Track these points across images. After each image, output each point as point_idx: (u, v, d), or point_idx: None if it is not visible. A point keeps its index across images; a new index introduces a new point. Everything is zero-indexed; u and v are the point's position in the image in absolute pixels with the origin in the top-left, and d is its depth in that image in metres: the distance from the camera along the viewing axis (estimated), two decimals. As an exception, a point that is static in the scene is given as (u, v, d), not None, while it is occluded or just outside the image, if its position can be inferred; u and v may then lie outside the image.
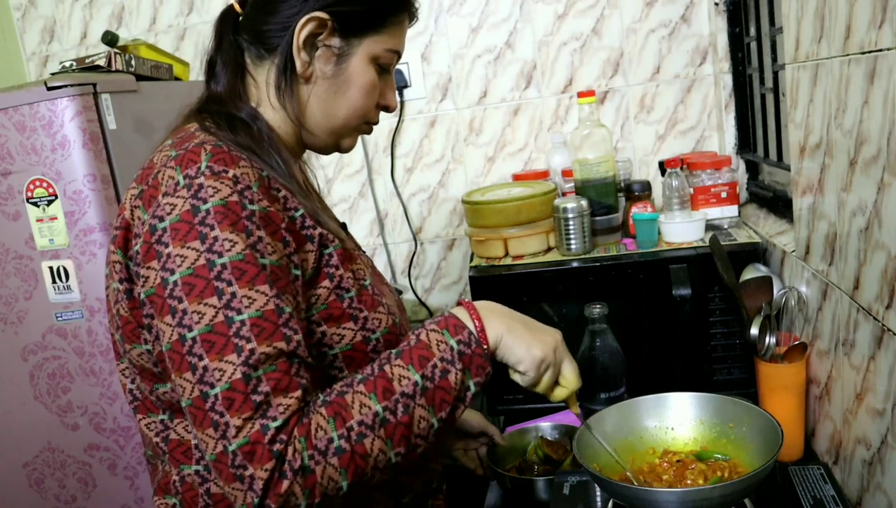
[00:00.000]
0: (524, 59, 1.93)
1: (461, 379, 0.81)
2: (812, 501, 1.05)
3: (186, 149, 0.80)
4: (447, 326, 0.83)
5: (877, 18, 0.82)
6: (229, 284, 0.73)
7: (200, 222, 0.75)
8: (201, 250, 0.74)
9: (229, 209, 0.76)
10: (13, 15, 2.14)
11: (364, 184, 2.05)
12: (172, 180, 0.78)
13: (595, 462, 0.98)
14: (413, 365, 0.80)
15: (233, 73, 0.91)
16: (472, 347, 0.82)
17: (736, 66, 1.77)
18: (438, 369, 0.80)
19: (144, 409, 0.90)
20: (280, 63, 0.88)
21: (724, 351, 1.43)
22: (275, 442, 0.71)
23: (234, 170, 0.78)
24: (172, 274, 0.75)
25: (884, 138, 0.84)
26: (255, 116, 0.89)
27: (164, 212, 0.77)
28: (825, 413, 1.16)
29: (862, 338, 0.97)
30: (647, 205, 1.60)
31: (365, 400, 0.76)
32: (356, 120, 0.94)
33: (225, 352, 0.72)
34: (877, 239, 0.89)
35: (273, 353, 0.73)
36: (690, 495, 0.89)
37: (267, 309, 0.74)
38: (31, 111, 1.40)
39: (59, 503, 1.58)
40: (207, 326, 0.73)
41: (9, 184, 1.44)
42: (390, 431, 0.76)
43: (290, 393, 0.73)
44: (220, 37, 0.93)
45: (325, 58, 0.89)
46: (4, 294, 1.51)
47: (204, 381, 0.72)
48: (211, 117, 0.88)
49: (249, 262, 0.75)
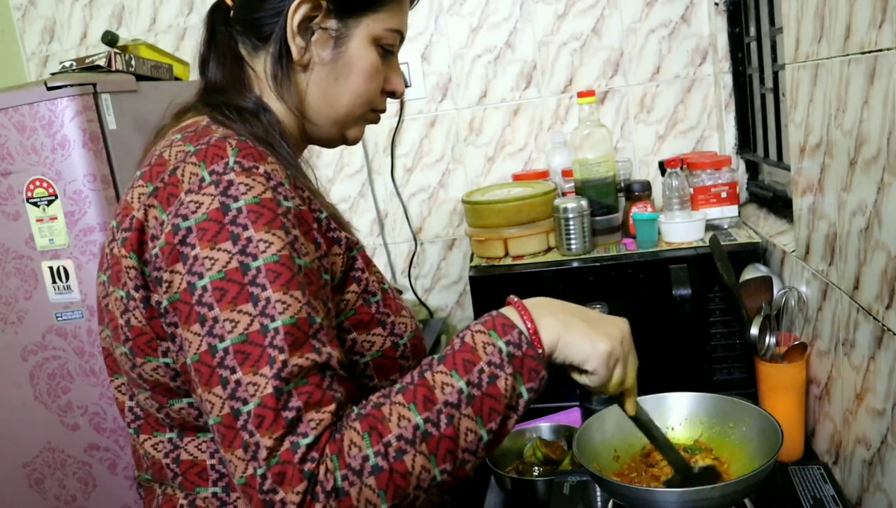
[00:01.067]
0: (524, 59, 1.93)
1: (512, 384, 0.72)
2: (812, 501, 1.05)
3: (208, 144, 0.74)
4: (494, 326, 0.74)
5: (877, 18, 0.82)
6: (264, 289, 0.67)
7: (232, 221, 0.68)
8: (233, 252, 0.68)
9: (264, 207, 0.70)
10: (13, 15, 2.14)
11: (364, 184, 2.05)
12: (196, 176, 0.71)
13: (595, 462, 0.99)
14: (457, 370, 0.71)
15: (232, 61, 0.85)
16: (524, 349, 0.73)
17: (736, 66, 1.77)
18: (486, 374, 0.71)
19: (149, 428, 0.83)
20: (275, 51, 0.83)
21: (724, 351, 1.43)
22: (306, 461, 0.64)
23: (264, 166, 0.72)
24: (201, 279, 0.68)
25: (884, 138, 0.84)
26: (263, 107, 0.84)
27: (188, 210, 0.70)
28: (825, 413, 1.16)
29: (862, 338, 0.97)
30: (647, 205, 1.60)
31: (404, 411, 0.68)
32: (360, 107, 0.88)
33: (259, 365, 0.65)
34: (877, 239, 0.89)
35: (306, 366, 0.67)
36: (690, 495, 0.89)
37: (300, 316, 0.68)
38: (31, 111, 1.40)
39: (59, 503, 1.58)
40: (241, 336, 0.66)
41: (9, 184, 1.44)
42: (433, 446, 0.68)
43: (322, 408, 0.66)
44: (213, 29, 0.87)
45: (321, 42, 0.83)
46: (4, 294, 1.51)
47: (236, 397, 0.65)
48: (218, 109, 0.81)
49: (284, 264, 0.68)
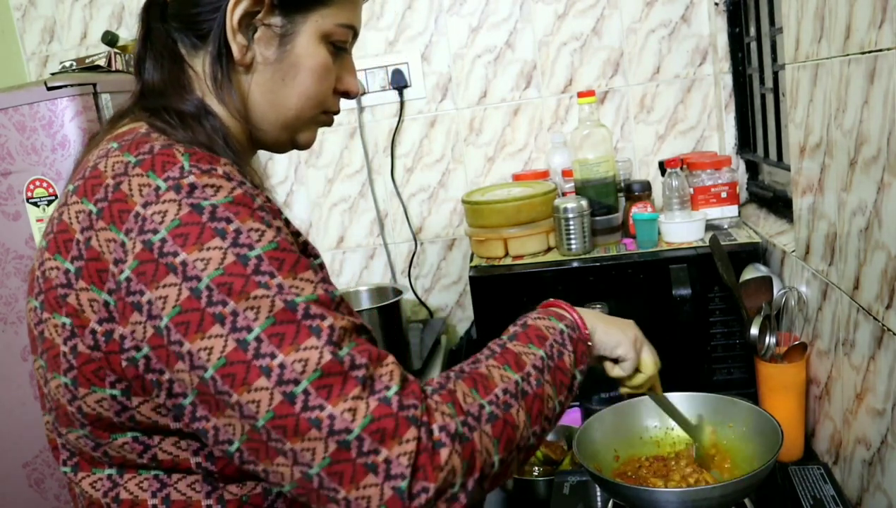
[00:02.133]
0: (524, 59, 1.93)
1: (572, 362, 0.78)
2: (812, 501, 1.05)
3: (152, 152, 0.67)
4: (550, 314, 0.82)
5: (877, 18, 0.82)
6: (272, 276, 0.62)
7: (210, 218, 0.63)
8: (225, 247, 0.62)
9: (239, 204, 0.64)
10: (13, 15, 2.14)
11: (364, 184, 2.05)
12: (149, 187, 0.65)
13: (595, 463, 0.99)
14: (533, 343, 0.76)
15: (170, 62, 0.78)
16: (578, 332, 0.81)
17: (736, 66, 1.77)
18: (556, 349, 0.77)
19: (87, 465, 0.74)
20: (214, 50, 0.76)
21: (724, 351, 1.43)
22: (404, 408, 0.60)
23: (221, 168, 0.67)
24: (200, 282, 0.61)
25: (884, 138, 0.84)
26: (204, 109, 0.76)
27: (153, 223, 0.63)
28: (825, 413, 1.16)
29: (862, 338, 0.98)
30: (647, 205, 1.60)
31: (502, 371, 0.71)
32: (310, 109, 0.82)
33: (299, 339, 0.60)
34: (877, 239, 0.89)
35: (350, 327, 0.64)
36: (690, 495, 0.89)
37: (319, 292, 0.64)
38: (31, 111, 1.40)
39: (59, 503, 1.58)
40: (269, 318, 0.60)
41: (9, 184, 1.44)
42: (529, 403, 0.70)
43: (384, 360, 0.63)
44: (148, 26, 0.80)
45: (265, 40, 0.77)
46: (4, 294, 1.51)
47: (284, 381, 0.59)
48: (157, 115, 0.74)
49: (285, 250, 0.64)
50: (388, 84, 1.95)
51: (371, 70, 1.94)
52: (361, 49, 1.93)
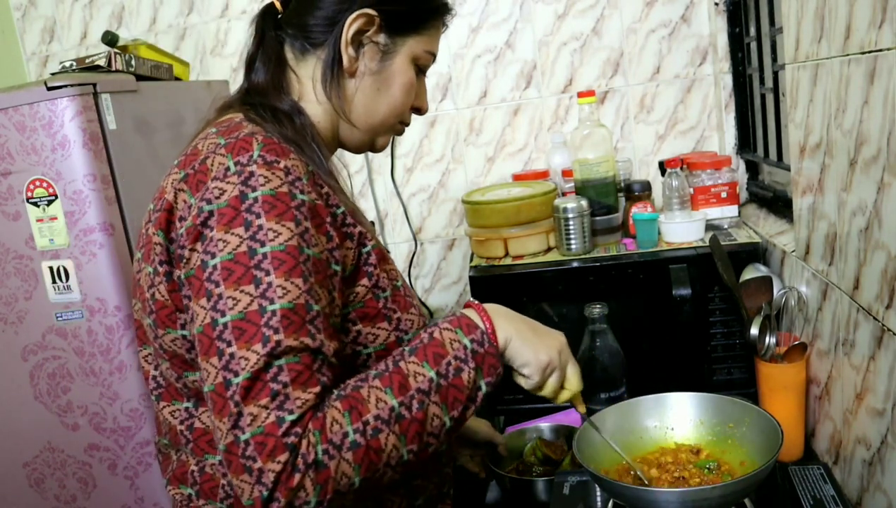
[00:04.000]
0: (524, 59, 1.93)
1: (473, 378, 0.81)
2: (812, 501, 1.05)
3: (237, 138, 0.80)
4: (460, 325, 0.83)
5: (877, 18, 0.82)
6: (267, 274, 0.73)
7: (247, 209, 0.75)
8: (244, 237, 0.74)
9: (278, 199, 0.76)
10: (13, 15, 2.14)
11: (364, 184, 2.05)
12: (223, 166, 0.78)
13: (595, 462, 0.99)
14: (428, 361, 0.79)
15: (275, 65, 0.92)
16: (485, 346, 0.82)
17: (736, 66, 1.77)
18: (452, 367, 0.80)
19: (169, 396, 0.90)
20: (328, 57, 0.90)
21: (724, 351, 1.43)
22: (289, 435, 0.70)
23: (285, 161, 0.79)
24: (213, 258, 0.75)
25: (884, 138, 0.84)
26: (298, 110, 0.90)
27: (212, 195, 0.77)
28: (825, 413, 1.16)
29: (862, 338, 0.98)
30: (647, 205, 1.60)
31: (381, 394, 0.76)
32: (394, 118, 0.96)
33: (253, 341, 0.71)
34: (877, 239, 0.89)
35: (298, 347, 0.73)
36: (690, 495, 0.89)
37: (298, 302, 0.74)
38: (31, 111, 1.40)
39: (59, 503, 1.58)
40: (240, 313, 0.72)
41: (9, 184, 1.44)
42: (405, 427, 0.76)
43: (309, 388, 0.72)
44: (262, 32, 0.94)
45: (370, 54, 0.91)
46: (4, 294, 1.51)
47: (229, 368, 0.71)
48: (254, 109, 0.88)
49: (290, 254, 0.75)
50: (388, 84, 1.94)
51: (371, 70, 1.94)
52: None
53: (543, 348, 0.88)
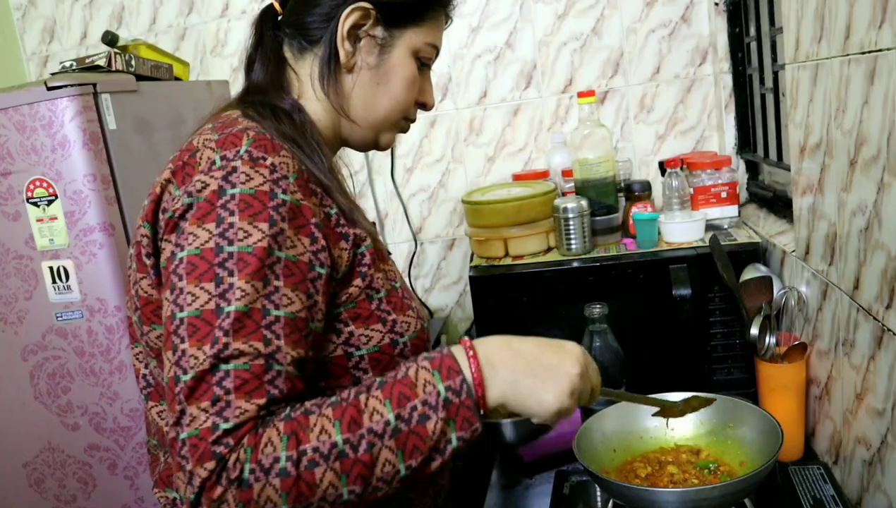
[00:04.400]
0: (524, 59, 1.93)
1: (441, 429, 0.72)
2: (812, 501, 1.05)
3: (229, 133, 0.80)
4: (440, 366, 0.75)
5: (877, 18, 0.82)
6: (230, 274, 0.72)
7: (222, 206, 0.74)
8: (214, 233, 0.73)
9: (256, 198, 0.75)
10: (13, 15, 2.14)
11: (364, 184, 2.05)
12: (210, 160, 0.77)
13: (595, 463, 0.99)
14: (391, 401, 0.72)
15: (275, 64, 0.92)
16: (462, 397, 0.73)
17: (736, 66, 1.77)
18: (417, 412, 0.72)
19: (157, 396, 0.90)
20: (324, 53, 0.89)
21: (724, 351, 1.43)
22: (219, 444, 0.68)
23: (272, 158, 0.78)
24: (181, 250, 0.74)
25: (884, 138, 0.84)
26: (298, 108, 0.89)
27: (194, 188, 0.76)
28: (825, 413, 1.16)
29: (862, 338, 0.97)
30: (647, 205, 1.60)
31: (328, 426, 0.70)
32: (397, 114, 0.94)
33: (204, 341, 0.70)
34: (877, 239, 0.89)
35: (248, 352, 0.70)
36: (690, 495, 0.89)
37: (255, 306, 0.72)
38: (31, 111, 1.40)
39: (59, 503, 1.58)
40: (197, 310, 0.71)
41: (9, 184, 1.44)
42: (347, 466, 0.70)
43: (253, 399, 0.69)
44: (261, 32, 0.94)
45: (368, 48, 0.89)
46: (4, 294, 1.51)
47: (179, 364, 0.71)
48: (253, 107, 0.87)
49: (257, 256, 0.73)
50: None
51: (371, 70, 1.94)
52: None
53: (550, 394, 0.76)
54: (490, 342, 0.79)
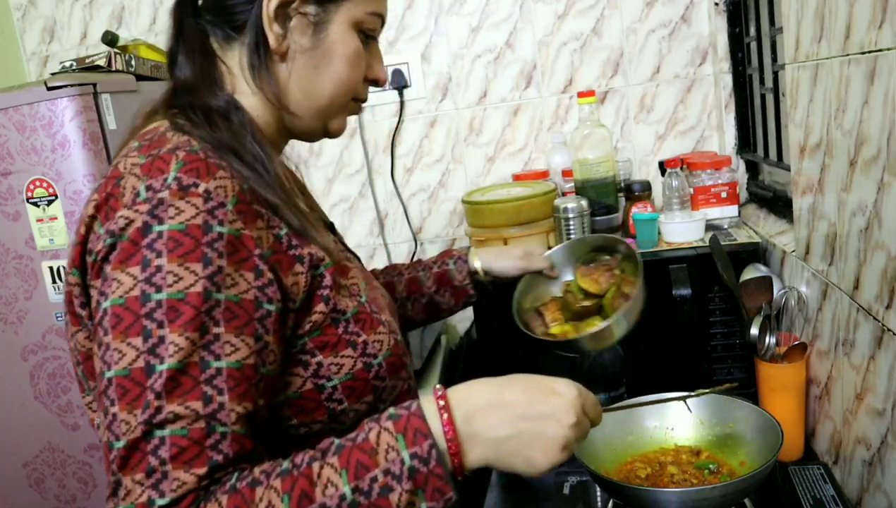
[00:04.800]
0: (524, 59, 1.93)
1: (408, 500, 0.63)
2: (812, 501, 1.05)
3: (155, 156, 0.70)
4: (405, 430, 0.65)
5: (877, 18, 0.82)
6: (160, 325, 0.63)
7: (148, 246, 0.65)
8: (139, 279, 0.64)
9: (187, 234, 0.65)
10: (13, 15, 2.14)
11: (364, 184, 2.05)
12: (134, 190, 0.68)
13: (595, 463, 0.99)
14: (347, 470, 0.64)
15: (201, 57, 0.81)
16: (430, 465, 0.64)
17: (736, 66, 1.77)
18: (378, 484, 0.63)
19: None
20: (251, 40, 0.78)
21: (724, 350, 1.43)
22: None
23: (206, 184, 0.68)
24: (105, 299, 0.65)
25: (884, 138, 0.84)
26: (234, 105, 0.79)
27: (117, 226, 0.67)
28: (825, 413, 1.16)
29: (862, 338, 0.97)
30: (647, 205, 1.60)
31: (276, 501, 0.62)
32: (343, 96, 0.83)
33: (135, 405, 0.62)
34: (877, 239, 0.89)
35: (185, 415, 0.62)
36: (690, 495, 0.89)
37: (191, 360, 0.63)
38: (31, 111, 1.40)
39: (59, 503, 1.58)
40: (125, 369, 0.63)
41: (9, 184, 1.44)
42: None
43: (192, 468, 0.62)
44: (180, 22, 0.83)
45: (300, 28, 0.79)
46: (4, 294, 1.51)
47: (112, 430, 0.63)
48: (183, 112, 0.77)
49: (190, 303, 0.64)
50: (389, 84, 1.95)
51: (371, 70, 1.94)
52: (361, 49, 1.93)
53: (540, 455, 0.68)
54: (473, 393, 0.69)
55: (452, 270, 1.17)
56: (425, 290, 1.18)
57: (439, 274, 1.18)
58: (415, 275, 1.19)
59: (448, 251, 1.21)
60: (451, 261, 1.18)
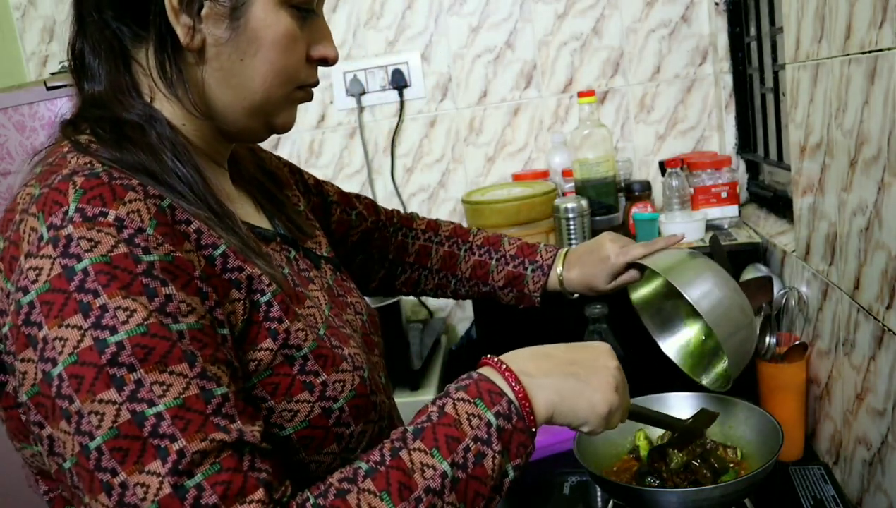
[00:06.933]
0: (524, 59, 1.93)
1: (499, 463, 0.62)
2: (812, 501, 1.05)
3: (51, 186, 0.59)
4: (479, 394, 0.64)
5: (877, 18, 0.82)
6: (131, 369, 0.53)
7: (78, 288, 0.54)
8: (85, 327, 0.54)
9: (116, 267, 0.55)
10: (13, 15, 2.14)
11: (364, 184, 2.05)
12: (35, 233, 0.57)
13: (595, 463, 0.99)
14: (439, 448, 0.60)
15: (110, 61, 0.68)
16: (514, 420, 0.63)
17: (736, 66, 1.77)
18: (472, 453, 0.61)
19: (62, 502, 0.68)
20: (155, 37, 0.65)
21: (724, 351, 1.42)
22: None
23: (115, 211, 0.57)
24: (55, 366, 0.54)
25: (884, 138, 0.84)
26: (149, 117, 0.66)
27: (27, 280, 0.56)
28: (825, 413, 1.16)
29: (862, 338, 0.97)
30: (647, 205, 1.60)
31: (375, 502, 0.57)
32: (280, 87, 0.70)
33: (145, 461, 0.52)
34: (877, 239, 0.89)
35: (212, 449, 0.54)
36: (690, 495, 0.89)
37: (189, 394, 0.54)
38: (31, 111, 1.40)
39: (59, 503, 1.58)
40: (111, 430, 0.53)
41: (9, 184, 1.44)
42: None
43: (248, 496, 0.54)
44: (81, 18, 0.69)
45: (213, 17, 0.65)
46: (4, 294, 1.51)
47: (125, 504, 0.52)
48: (90, 127, 0.66)
49: (156, 335, 0.55)
50: (388, 84, 1.94)
51: (371, 70, 1.94)
52: (361, 49, 1.93)
53: (598, 392, 0.68)
54: (517, 354, 0.69)
55: (528, 277, 1.06)
56: (490, 281, 1.08)
57: (513, 274, 1.07)
58: (485, 260, 1.08)
59: (533, 248, 1.08)
60: (530, 267, 1.06)
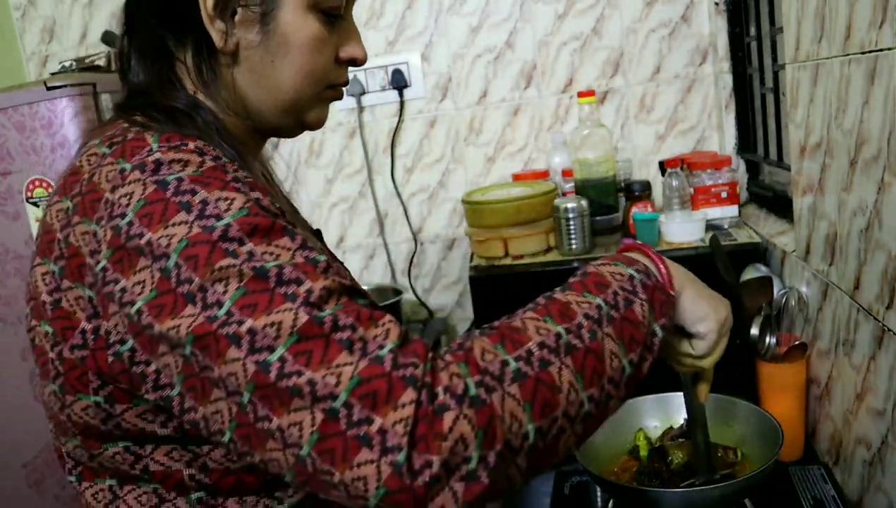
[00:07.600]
0: (524, 59, 1.93)
1: (647, 312, 0.63)
2: (812, 501, 1.05)
3: (123, 141, 0.64)
4: (618, 260, 0.68)
5: (877, 18, 0.82)
6: (241, 243, 0.56)
7: (175, 193, 0.58)
8: (190, 220, 0.56)
9: (208, 176, 0.59)
10: (13, 15, 2.13)
11: (364, 184, 2.05)
12: (115, 171, 0.61)
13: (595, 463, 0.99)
14: (590, 291, 0.63)
15: (156, 59, 0.72)
16: (653, 279, 0.67)
17: (736, 66, 1.77)
18: (621, 297, 0.63)
19: (90, 475, 0.69)
20: (194, 42, 0.70)
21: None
22: (399, 367, 0.51)
23: (194, 143, 0.62)
24: (168, 259, 0.56)
25: (884, 138, 0.84)
26: (195, 105, 0.71)
27: (120, 207, 0.59)
28: (825, 413, 1.16)
29: (862, 338, 0.97)
30: (647, 205, 1.60)
31: (540, 322, 0.58)
32: (311, 87, 0.74)
33: (273, 305, 0.53)
34: (877, 239, 0.89)
35: (335, 287, 0.55)
36: (690, 495, 0.89)
37: (297, 260, 0.56)
38: (31, 111, 1.40)
39: (59, 503, 1.58)
40: (239, 289, 0.54)
41: (9, 184, 1.44)
42: (579, 360, 0.57)
43: (380, 321, 0.55)
44: (131, 20, 0.74)
45: (245, 22, 0.70)
46: (4, 294, 1.51)
47: (256, 349, 0.52)
48: (142, 112, 0.69)
49: (258, 214, 0.57)
50: (388, 84, 1.95)
51: (371, 70, 1.94)
52: (361, 49, 1.93)
53: (721, 303, 0.74)
54: None
55: None
56: None
57: None
58: None
59: None
60: None
